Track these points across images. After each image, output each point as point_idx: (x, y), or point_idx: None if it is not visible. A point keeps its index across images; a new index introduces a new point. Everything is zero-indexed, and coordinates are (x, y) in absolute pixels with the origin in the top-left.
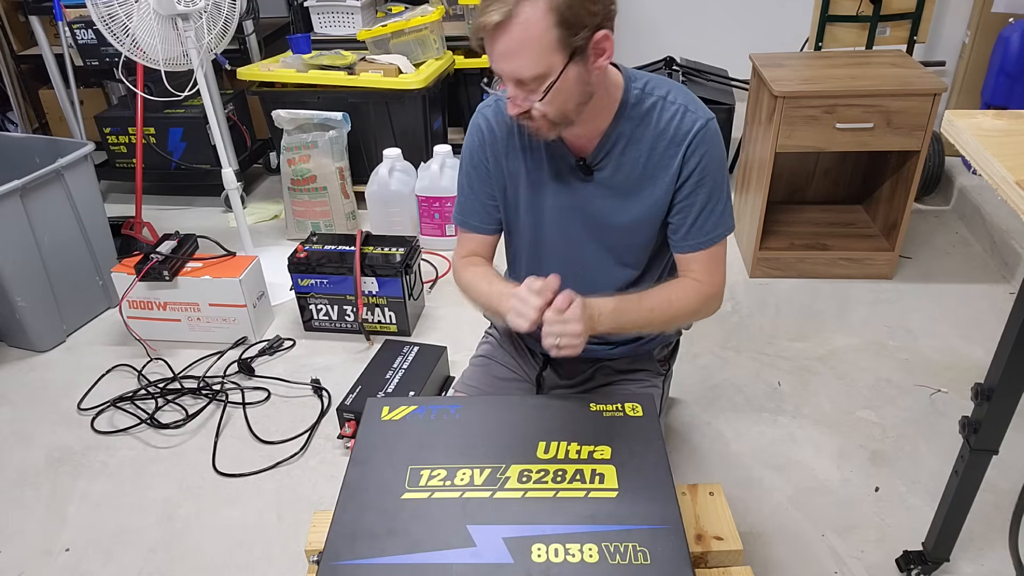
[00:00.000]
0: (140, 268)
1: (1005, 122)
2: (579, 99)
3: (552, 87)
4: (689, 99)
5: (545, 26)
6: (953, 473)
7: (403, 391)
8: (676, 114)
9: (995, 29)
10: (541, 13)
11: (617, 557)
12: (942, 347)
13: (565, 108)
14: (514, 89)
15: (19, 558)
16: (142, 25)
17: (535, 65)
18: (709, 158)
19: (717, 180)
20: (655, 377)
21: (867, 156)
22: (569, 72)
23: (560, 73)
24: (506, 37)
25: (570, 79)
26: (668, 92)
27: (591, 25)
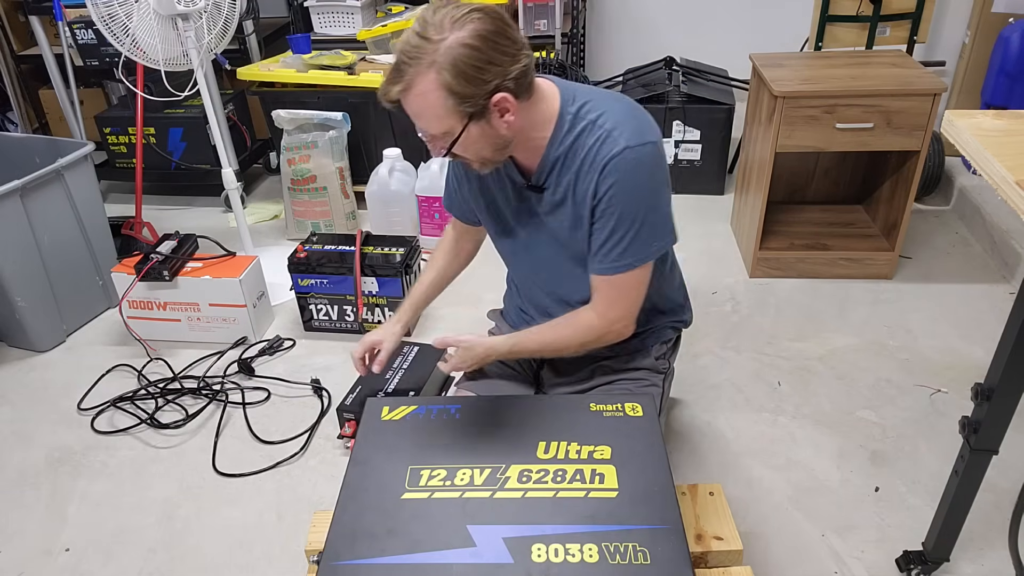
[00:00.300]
0: (140, 268)
1: (1005, 122)
2: (493, 147)
3: (456, 143)
4: (620, 122)
5: (438, 96)
6: (953, 473)
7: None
8: (599, 139)
9: (995, 29)
10: (433, 85)
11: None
12: (942, 347)
13: (480, 155)
14: (430, 140)
15: (19, 558)
16: (142, 25)
17: (437, 126)
18: (620, 186)
19: (627, 209)
20: (655, 375)
21: (867, 156)
22: (471, 130)
23: (461, 132)
24: (409, 103)
25: (473, 136)
26: (600, 115)
27: (484, 93)
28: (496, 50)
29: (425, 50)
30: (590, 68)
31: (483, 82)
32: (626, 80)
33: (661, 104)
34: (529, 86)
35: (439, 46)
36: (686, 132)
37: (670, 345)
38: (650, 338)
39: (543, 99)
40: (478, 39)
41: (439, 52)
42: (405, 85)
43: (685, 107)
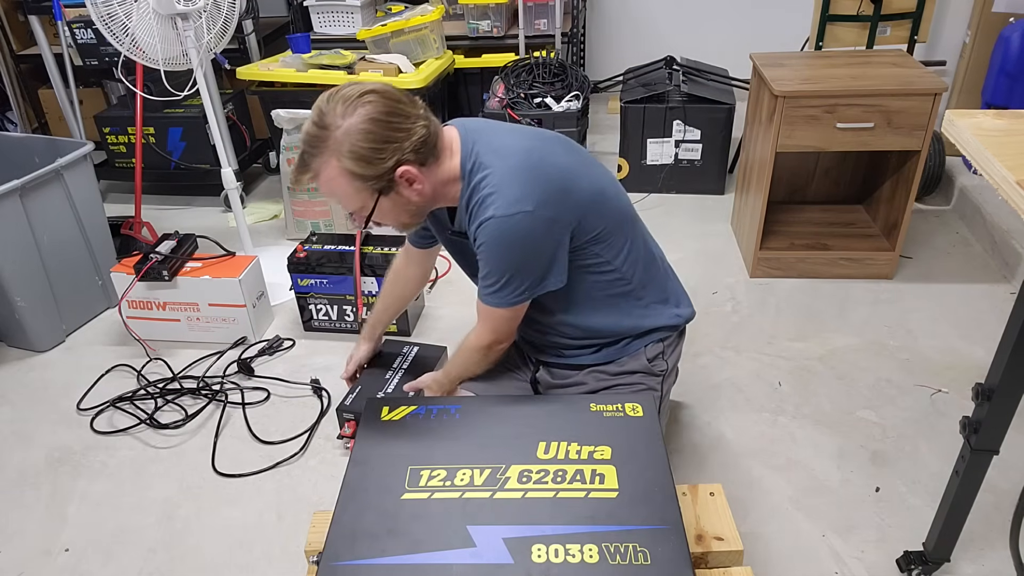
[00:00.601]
0: (139, 268)
1: (1005, 122)
2: (408, 214)
3: (371, 215)
4: (499, 187)
5: (343, 180)
6: (953, 473)
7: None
8: (481, 201)
9: (995, 29)
10: (336, 172)
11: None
12: (942, 347)
13: (399, 221)
14: (348, 213)
15: (19, 558)
16: (142, 25)
17: (350, 204)
18: (486, 248)
19: (494, 267)
20: (651, 378)
21: (867, 156)
22: (382, 204)
23: (373, 206)
24: (321, 187)
25: (386, 208)
26: (485, 177)
27: (386, 170)
28: (390, 128)
29: (323, 139)
30: (590, 68)
31: (382, 161)
32: (626, 80)
33: (661, 104)
34: (432, 150)
35: (335, 134)
36: (686, 132)
37: (667, 343)
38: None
39: (450, 156)
40: (370, 123)
41: (336, 140)
42: (313, 174)
43: (685, 107)
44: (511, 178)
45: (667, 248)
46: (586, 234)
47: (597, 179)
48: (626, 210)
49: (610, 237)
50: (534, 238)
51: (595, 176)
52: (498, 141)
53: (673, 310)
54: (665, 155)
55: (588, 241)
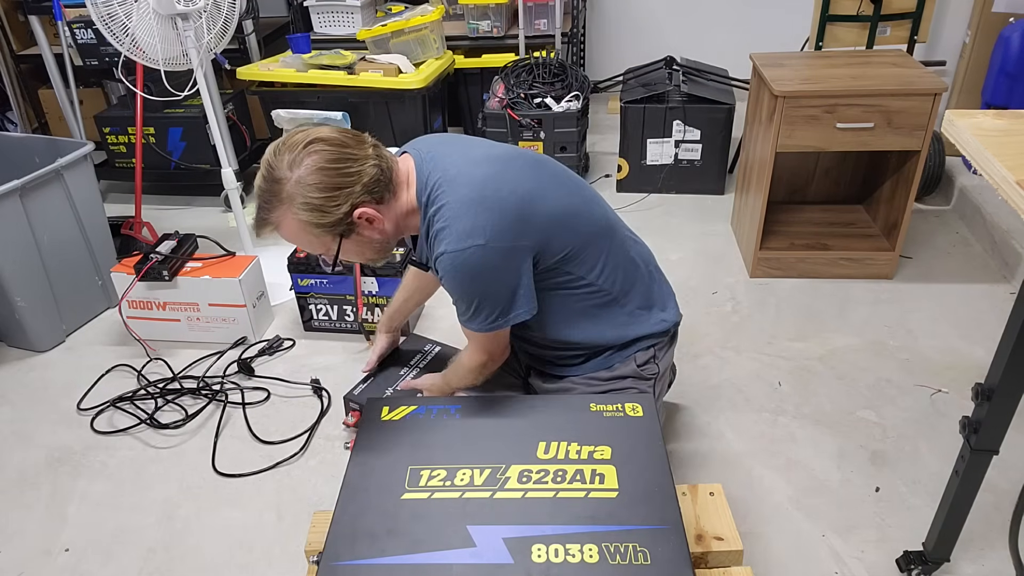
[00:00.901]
0: (140, 268)
1: (1005, 122)
2: (374, 250)
3: (337, 255)
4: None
5: (301, 229)
6: (953, 473)
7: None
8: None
9: (995, 29)
10: (293, 223)
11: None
12: (942, 347)
13: (366, 257)
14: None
15: (19, 558)
16: (142, 25)
17: (315, 249)
18: (447, 279)
19: (459, 297)
20: (641, 382)
21: (867, 156)
22: (345, 245)
23: (337, 249)
24: (283, 236)
25: (350, 247)
26: (439, 209)
27: (341, 214)
28: (339, 175)
29: (275, 192)
30: (590, 68)
31: (337, 208)
32: (626, 80)
33: (661, 104)
34: (388, 186)
35: (286, 187)
36: (686, 132)
37: (660, 347)
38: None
39: (407, 187)
40: (319, 172)
41: (288, 193)
42: (273, 225)
43: (685, 107)
44: (463, 210)
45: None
46: (554, 255)
47: (563, 197)
48: (600, 222)
49: (581, 253)
50: (490, 269)
51: (561, 195)
52: (453, 169)
53: (659, 315)
54: (665, 155)
55: (558, 261)
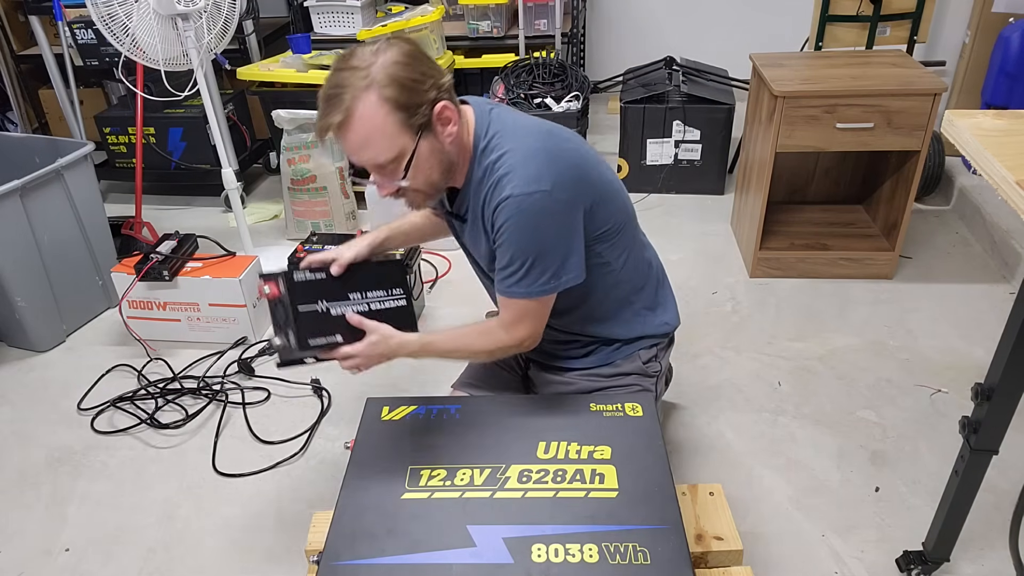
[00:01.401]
0: (140, 268)
1: (1005, 122)
2: (440, 169)
3: (410, 164)
4: (515, 167)
5: (383, 114)
6: (953, 473)
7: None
8: (497, 181)
9: (995, 29)
10: (375, 105)
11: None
12: (942, 347)
13: (431, 180)
14: (377, 175)
15: (19, 558)
16: (142, 25)
17: (386, 150)
18: (508, 227)
19: (516, 250)
20: (645, 379)
21: (867, 156)
22: (421, 148)
23: (413, 151)
24: (352, 133)
25: (424, 153)
26: (503, 155)
27: (427, 102)
28: (424, 64)
29: (357, 76)
30: (590, 68)
31: (423, 91)
32: (626, 80)
33: (661, 104)
34: (456, 106)
35: (370, 70)
36: (686, 132)
37: (661, 347)
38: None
39: (466, 122)
40: (406, 56)
41: (372, 74)
42: (345, 114)
43: (685, 107)
44: (528, 158)
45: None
46: (595, 228)
47: (607, 172)
48: (629, 211)
49: (615, 236)
50: (552, 219)
51: (604, 170)
52: (512, 123)
53: (662, 317)
54: (665, 155)
55: (595, 237)
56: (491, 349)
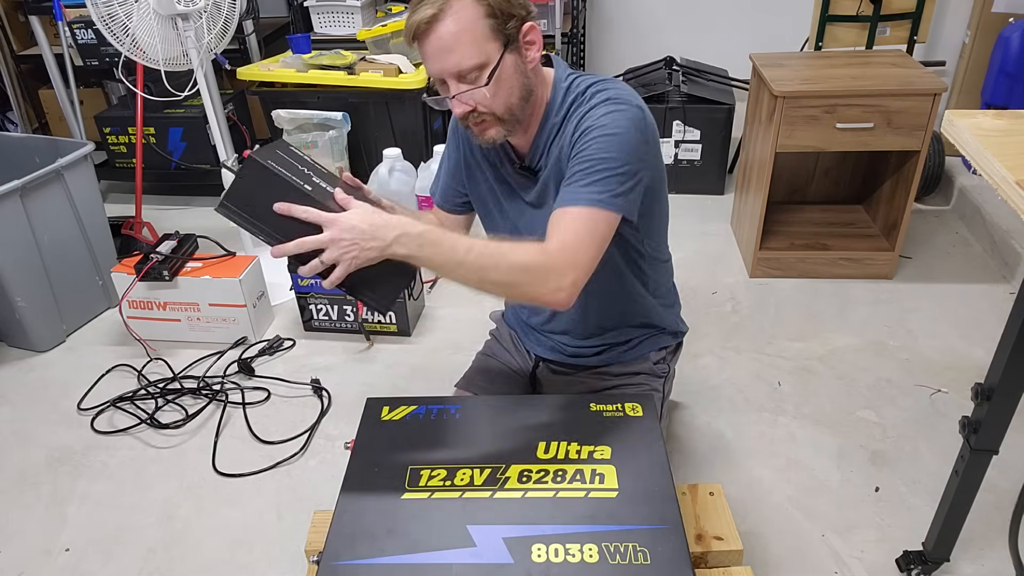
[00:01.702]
0: (140, 268)
1: (1005, 122)
2: (520, 91)
3: (494, 74)
4: (608, 88)
5: (476, 15)
6: (953, 473)
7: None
8: (591, 96)
9: (995, 29)
10: (470, 5)
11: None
12: (942, 347)
13: (510, 101)
14: (457, 85)
15: (19, 558)
16: (142, 25)
17: (473, 54)
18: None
19: (596, 149)
20: (654, 379)
21: (867, 156)
22: (506, 60)
23: (499, 61)
24: (442, 31)
25: (508, 67)
26: (591, 85)
27: (519, 16)
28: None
29: None
30: (590, 68)
31: (517, 4)
32: (626, 80)
33: (661, 104)
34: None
35: None
36: (686, 132)
37: (670, 350)
38: (646, 344)
39: (544, 75)
40: None
41: None
42: (438, 9)
43: (685, 107)
44: (621, 87)
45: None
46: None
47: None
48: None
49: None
50: (639, 134)
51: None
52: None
53: (674, 317)
54: (665, 155)
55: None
56: (519, 264)
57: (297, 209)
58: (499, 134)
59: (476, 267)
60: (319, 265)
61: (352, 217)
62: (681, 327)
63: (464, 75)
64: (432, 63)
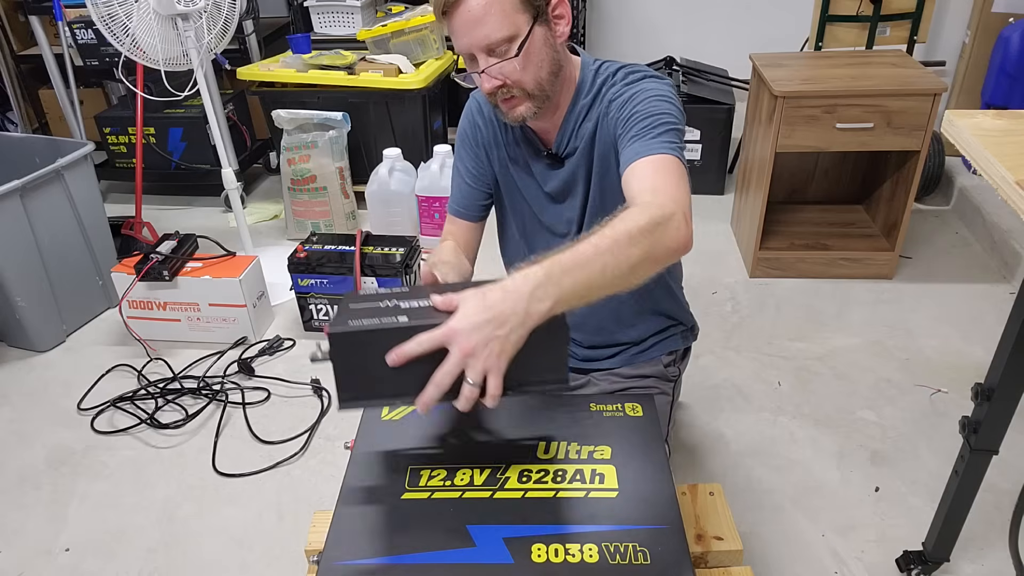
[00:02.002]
0: (140, 268)
1: (1005, 122)
2: (550, 66)
3: (524, 46)
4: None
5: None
6: (953, 473)
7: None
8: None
9: (995, 29)
10: None
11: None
12: (942, 347)
13: (539, 75)
14: (486, 59)
15: (19, 558)
16: (142, 25)
17: (503, 26)
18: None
19: (652, 107)
20: (664, 383)
21: (867, 156)
22: (536, 33)
23: (528, 33)
24: (471, 3)
25: (538, 40)
26: (620, 68)
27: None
28: None
29: None
30: None
31: None
32: None
33: None
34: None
35: None
36: (686, 132)
37: (679, 354)
38: (657, 347)
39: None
40: None
41: None
42: None
43: (685, 107)
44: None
45: None
46: None
47: None
48: None
49: None
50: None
51: None
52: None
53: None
54: None
55: None
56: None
57: (409, 348)
58: (528, 110)
59: (617, 257)
60: (473, 388)
61: (467, 314)
62: (693, 320)
63: (494, 48)
64: (461, 37)
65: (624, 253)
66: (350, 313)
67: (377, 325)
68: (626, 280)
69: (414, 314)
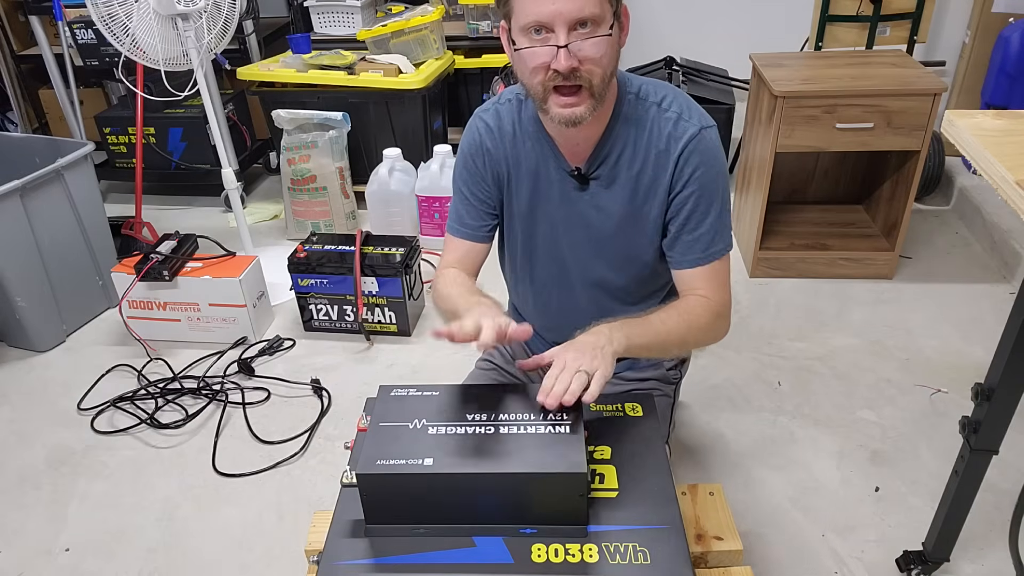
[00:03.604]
0: (140, 268)
1: (1005, 122)
2: (613, 63)
3: (611, 28)
4: (685, 106)
5: None
6: (953, 473)
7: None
8: (669, 122)
9: (995, 29)
10: None
11: (617, 557)
12: (942, 347)
13: (607, 72)
14: (566, 36)
15: (19, 558)
16: (142, 25)
17: (600, 2)
18: (704, 169)
19: (713, 193)
20: (665, 385)
21: (867, 156)
22: (614, 28)
23: (613, 21)
24: None
25: (614, 36)
26: (663, 98)
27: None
28: None
29: None
30: None
31: None
32: None
33: None
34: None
35: None
36: None
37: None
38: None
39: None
40: None
41: None
42: None
43: None
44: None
45: None
46: None
47: None
48: None
49: None
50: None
51: None
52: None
53: None
54: None
55: None
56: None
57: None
58: (587, 112)
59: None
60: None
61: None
62: None
63: (584, 22)
64: (549, 3)
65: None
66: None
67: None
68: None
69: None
